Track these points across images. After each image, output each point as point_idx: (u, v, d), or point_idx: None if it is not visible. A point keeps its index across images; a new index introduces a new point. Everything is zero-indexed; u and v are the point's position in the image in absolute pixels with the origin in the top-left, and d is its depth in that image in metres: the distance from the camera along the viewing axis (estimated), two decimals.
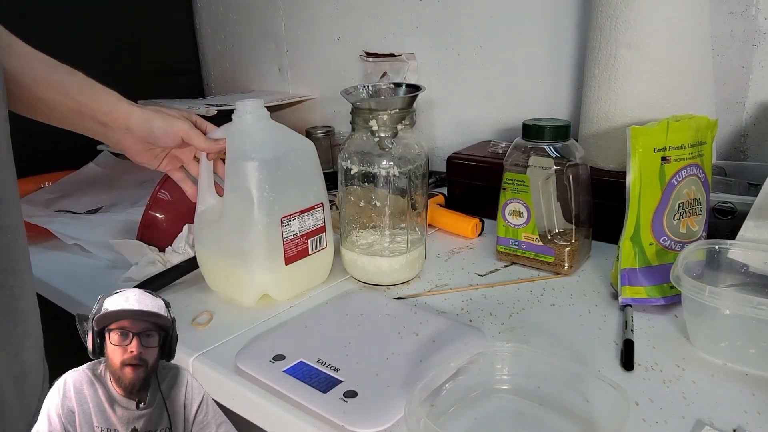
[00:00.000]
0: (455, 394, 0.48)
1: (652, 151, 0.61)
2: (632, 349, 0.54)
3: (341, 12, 1.25)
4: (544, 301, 0.66)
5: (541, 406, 0.48)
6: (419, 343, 0.55)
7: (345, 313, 0.62)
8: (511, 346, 0.49)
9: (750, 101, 0.82)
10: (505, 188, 0.72)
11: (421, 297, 0.68)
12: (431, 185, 1.04)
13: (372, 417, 0.46)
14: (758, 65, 0.80)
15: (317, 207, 0.67)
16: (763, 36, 0.79)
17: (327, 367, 0.52)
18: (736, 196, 0.69)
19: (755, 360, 0.52)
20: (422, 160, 0.70)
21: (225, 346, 0.59)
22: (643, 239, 0.62)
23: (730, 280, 0.61)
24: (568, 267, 0.71)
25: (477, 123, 1.10)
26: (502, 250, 0.75)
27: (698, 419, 0.46)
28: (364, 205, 0.71)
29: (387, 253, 0.71)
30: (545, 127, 0.69)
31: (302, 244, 0.66)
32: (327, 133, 1.20)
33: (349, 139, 0.70)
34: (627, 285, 0.62)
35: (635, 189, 0.61)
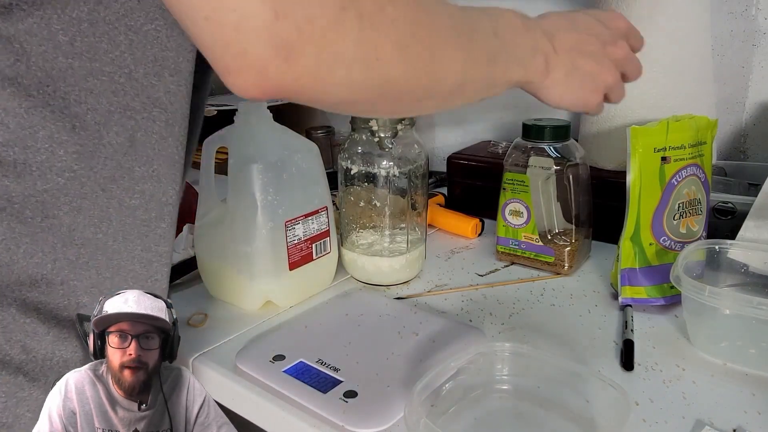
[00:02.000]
0: (455, 394, 0.48)
1: (652, 151, 0.61)
2: (632, 349, 0.54)
3: None
4: (544, 301, 0.66)
5: (541, 406, 0.48)
6: (419, 343, 0.55)
7: (345, 313, 0.62)
8: (511, 346, 0.49)
9: (750, 101, 0.82)
10: (505, 188, 0.72)
11: (421, 297, 0.68)
12: (431, 185, 1.04)
13: (372, 417, 0.47)
14: (758, 65, 0.80)
15: (321, 211, 0.67)
16: (763, 36, 0.79)
17: (327, 367, 0.52)
18: (736, 196, 0.69)
19: (755, 360, 0.52)
20: (422, 160, 0.70)
21: (225, 346, 0.59)
22: (643, 239, 0.62)
23: (730, 280, 0.61)
24: (568, 267, 0.71)
25: (477, 123, 1.10)
26: (502, 250, 0.75)
27: (698, 419, 0.46)
28: (364, 205, 0.71)
29: (387, 253, 0.71)
30: (545, 127, 0.69)
31: (306, 248, 0.66)
32: (327, 133, 1.20)
33: (349, 139, 0.70)
34: (627, 285, 0.62)
35: (635, 189, 0.61)
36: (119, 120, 0.39)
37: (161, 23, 0.39)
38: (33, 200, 0.38)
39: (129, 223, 0.42)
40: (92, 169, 0.39)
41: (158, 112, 0.41)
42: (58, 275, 0.40)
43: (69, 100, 0.37)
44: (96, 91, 0.38)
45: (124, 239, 0.42)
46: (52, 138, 0.37)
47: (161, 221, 0.44)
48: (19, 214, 0.38)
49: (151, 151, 0.42)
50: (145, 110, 0.40)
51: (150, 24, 0.39)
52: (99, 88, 0.38)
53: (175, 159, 0.43)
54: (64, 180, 0.38)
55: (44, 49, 0.36)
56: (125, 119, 0.39)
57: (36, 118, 0.37)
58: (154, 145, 0.42)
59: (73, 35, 0.36)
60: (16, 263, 0.38)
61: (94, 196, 0.40)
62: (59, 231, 0.39)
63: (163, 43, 0.40)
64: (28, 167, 0.37)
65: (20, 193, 0.37)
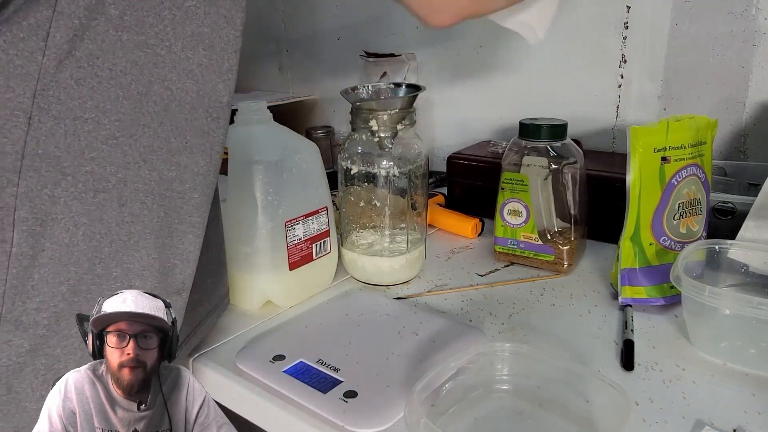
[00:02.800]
0: (455, 394, 0.48)
1: (652, 151, 0.61)
2: (632, 349, 0.54)
3: (341, 12, 1.25)
4: (544, 301, 0.66)
5: (541, 406, 0.48)
6: (419, 343, 0.55)
7: (345, 313, 0.62)
8: (511, 346, 0.49)
9: (750, 101, 0.82)
10: (504, 188, 0.72)
11: (421, 297, 0.68)
12: (431, 185, 1.04)
13: (372, 417, 0.46)
14: (758, 65, 0.80)
15: (321, 211, 0.67)
16: (763, 36, 0.79)
17: (327, 367, 0.52)
18: (736, 196, 0.69)
19: (755, 360, 0.52)
20: (422, 160, 0.70)
21: (225, 347, 0.59)
22: (643, 239, 0.62)
23: (730, 280, 0.61)
24: (568, 265, 0.71)
25: (477, 123, 1.10)
26: (500, 250, 0.75)
27: (698, 419, 0.46)
28: (364, 205, 0.71)
29: (387, 253, 0.71)
30: (542, 126, 0.69)
31: (306, 248, 0.66)
32: (327, 133, 1.20)
33: (349, 139, 0.70)
34: (627, 285, 0.62)
35: (635, 189, 0.61)
36: (158, 90, 0.41)
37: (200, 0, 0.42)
38: (83, 170, 0.39)
39: (168, 197, 0.44)
40: (132, 136, 0.41)
41: (191, 84, 0.43)
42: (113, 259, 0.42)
43: (116, 71, 0.39)
44: (140, 62, 0.40)
45: (166, 214, 0.44)
46: (98, 108, 0.39)
47: (194, 192, 0.46)
48: (73, 188, 0.39)
49: (184, 122, 0.43)
50: (180, 81, 0.42)
51: (191, 0, 0.41)
52: (143, 60, 0.40)
53: (204, 129, 0.45)
54: (108, 147, 0.40)
55: (97, 23, 0.38)
56: (162, 89, 0.42)
57: (84, 89, 0.38)
58: (186, 116, 0.43)
59: (123, 9, 0.39)
60: (76, 245, 0.40)
61: (137, 166, 0.42)
62: (111, 207, 0.41)
63: (201, 19, 0.42)
64: (77, 138, 0.39)
65: (71, 162, 0.39)
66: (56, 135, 0.38)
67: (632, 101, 0.92)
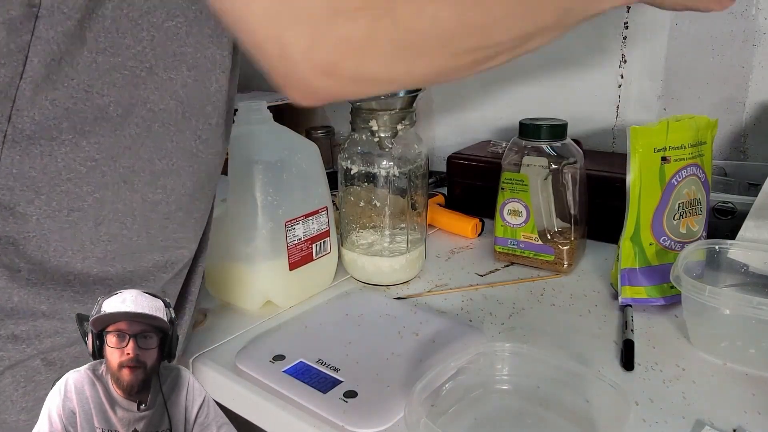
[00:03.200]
0: (455, 394, 0.48)
1: (652, 151, 0.61)
2: (632, 349, 0.54)
3: None
4: (544, 301, 0.66)
5: (541, 406, 0.48)
6: (419, 343, 0.55)
7: (345, 313, 0.62)
8: (511, 346, 0.49)
9: (750, 101, 0.82)
10: (504, 188, 0.72)
11: (421, 297, 0.68)
12: (431, 185, 1.04)
13: (372, 417, 0.46)
14: (758, 65, 0.80)
15: (321, 211, 0.67)
16: (763, 36, 0.79)
17: (327, 367, 0.52)
18: (736, 196, 0.69)
19: (755, 360, 0.52)
20: (422, 160, 0.70)
21: (225, 347, 0.59)
22: (643, 239, 0.62)
23: (730, 280, 0.61)
24: (568, 265, 0.71)
25: (477, 123, 1.10)
26: (500, 251, 0.75)
27: (698, 419, 0.46)
28: (364, 205, 0.71)
29: (387, 253, 0.71)
30: (542, 126, 0.69)
31: (306, 249, 0.66)
32: (327, 133, 1.20)
33: (349, 139, 0.70)
34: (627, 285, 0.62)
35: (635, 189, 0.61)
36: (139, 112, 0.41)
37: (182, 20, 0.41)
38: (59, 189, 0.39)
39: (152, 218, 0.44)
40: (113, 158, 0.40)
41: (175, 104, 0.42)
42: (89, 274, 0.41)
43: (92, 93, 0.39)
44: (118, 84, 0.39)
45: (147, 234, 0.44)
46: (75, 129, 0.39)
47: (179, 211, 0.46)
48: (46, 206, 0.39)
49: (169, 143, 0.43)
50: (163, 102, 0.42)
51: (171, 21, 0.40)
52: (121, 82, 0.39)
53: (192, 152, 0.44)
54: (86, 169, 0.40)
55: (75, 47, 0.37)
56: (144, 111, 0.41)
57: (60, 110, 0.38)
58: (171, 137, 0.43)
59: (98, 32, 0.38)
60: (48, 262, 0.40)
61: (116, 187, 0.41)
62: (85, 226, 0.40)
63: (183, 39, 0.41)
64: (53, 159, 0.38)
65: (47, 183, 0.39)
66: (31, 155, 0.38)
67: (632, 101, 0.92)
